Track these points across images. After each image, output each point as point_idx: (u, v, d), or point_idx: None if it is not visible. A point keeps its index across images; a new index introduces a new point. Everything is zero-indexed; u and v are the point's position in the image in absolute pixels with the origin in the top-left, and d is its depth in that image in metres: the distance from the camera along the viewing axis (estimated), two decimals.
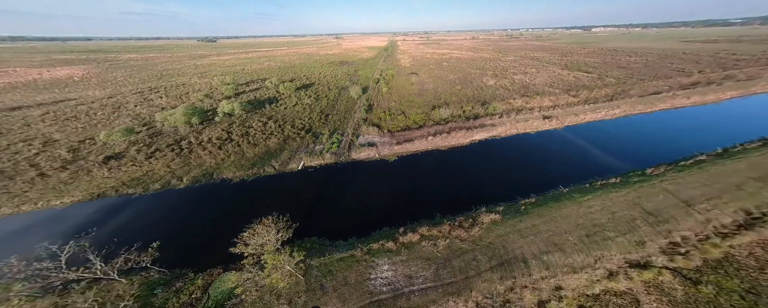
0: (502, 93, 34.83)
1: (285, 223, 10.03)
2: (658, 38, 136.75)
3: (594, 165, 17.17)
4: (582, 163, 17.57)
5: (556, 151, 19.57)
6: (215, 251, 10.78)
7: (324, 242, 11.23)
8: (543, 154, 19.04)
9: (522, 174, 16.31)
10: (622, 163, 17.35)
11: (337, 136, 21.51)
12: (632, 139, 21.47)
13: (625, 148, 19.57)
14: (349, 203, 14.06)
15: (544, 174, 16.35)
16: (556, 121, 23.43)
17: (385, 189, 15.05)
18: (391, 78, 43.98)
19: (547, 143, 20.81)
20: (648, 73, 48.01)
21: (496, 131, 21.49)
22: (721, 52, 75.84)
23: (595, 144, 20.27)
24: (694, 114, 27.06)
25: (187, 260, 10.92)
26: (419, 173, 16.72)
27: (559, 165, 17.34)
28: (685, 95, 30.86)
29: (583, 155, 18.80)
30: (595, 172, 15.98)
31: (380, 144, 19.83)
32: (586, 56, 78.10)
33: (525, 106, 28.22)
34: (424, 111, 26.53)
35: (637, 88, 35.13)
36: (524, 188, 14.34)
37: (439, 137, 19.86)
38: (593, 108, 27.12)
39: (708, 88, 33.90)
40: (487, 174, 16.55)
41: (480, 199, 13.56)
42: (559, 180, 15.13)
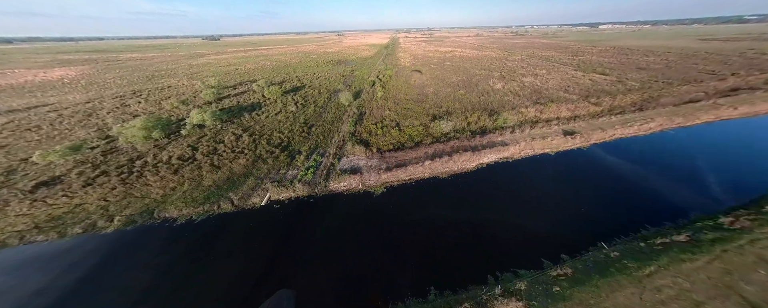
0: (512, 99, 30.41)
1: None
2: (672, 36, 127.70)
3: (640, 205, 12.74)
4: (623, 201, 13.17)
5: (584, 180, 14.90)
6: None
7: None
8: (569, 186, 14.43)
9: (545, 217, 12.08)
10: (678, 203, 12.81)
11: (316, 158, 17.66)
12: (681, 163, 16.36)
13: (676, 178, 14.76)
14: (314, 262, 10.22)
15: (574, 216, 12.12)
16: (580, 138, 18.86)
17: (364, 241, 11.13)
18: (388, 80, 39.72)
19: (573, 169, 16.05)
20: (673, 76, 42.57)
21: (507, 152, 17.08)
22: (747, 52, 68.50)
23: (635, 171, 15.45)
24: (750, 128, 21.47)
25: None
26: (410, 214, 12.59)
27: (593, 203, 12.95)
28: (729, 104, 25.61)
29: (622, 188, 14.18)
30: (645, 217, 11.73)
31: (366, 169, 16.00)
32: (598, 55, 71.96)
33: (540, 117, 23.86)
34: (422, 122, 22.48)
35: (668, 95, 30.23)
36: (551, 242, 10.46)
37: (439, 161, 15.61)
38: (622, 120, 22.57)
39: (754, 94, 28.53)
40: (497, 215, 12.34)
41: (489, 257, 9.93)
42: (597, 227, 11.11)
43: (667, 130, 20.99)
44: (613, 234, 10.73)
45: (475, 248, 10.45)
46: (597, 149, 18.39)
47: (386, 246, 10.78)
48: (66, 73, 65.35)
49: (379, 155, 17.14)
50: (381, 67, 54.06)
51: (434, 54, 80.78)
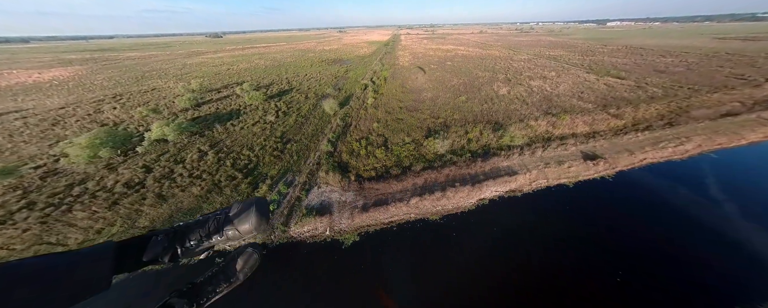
0: (519, 107, 26.64)
1: None
2: (685, 34, 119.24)
3: (703, 275, 8.74)
4: (677, 264, 9.22)
5: (618, 227, 10.83)
6: None
7: None
8: (597, 236, 10.53)
9: (570, 293, 8.48)
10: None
11: (282, 188, 14.36)
12: (741, 201, 11.97)
13: (745, 230, 10.40)
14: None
15: (610, 290, 8.36)
16: (604, 164, 15.01)
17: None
18: (382, 83, 36.09)
19: (598, 208, 12.07)
20: (698, 81, 37.80)
21: (515, 183, 13.41)
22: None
23: (686, 215, 11.24)
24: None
25: None
26: (386, 277, 9.25)
27: (634, 268, 9.03)
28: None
29: (672, 241, 10.13)
30: (716, 296, 7.78)
31: (338, 207, 12.74)
32: (610, 56, 66.39)
33: (552, 133, 20.14)
34: (414, 138, 18.99)
35: (699, 105, 26.06)
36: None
37: (429, 198, 12.12)
38: (651, 139, 18.53)
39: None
40: (499, 286, 8.75)
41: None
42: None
43: (707, 153, 17.09)
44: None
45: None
46: (626, 179, 14.45)
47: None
48: (60, 73, 63.10)
49: (357, 186, 13.91)
50: (377, 67, 50.22)
51: (435, 53, 76.17)
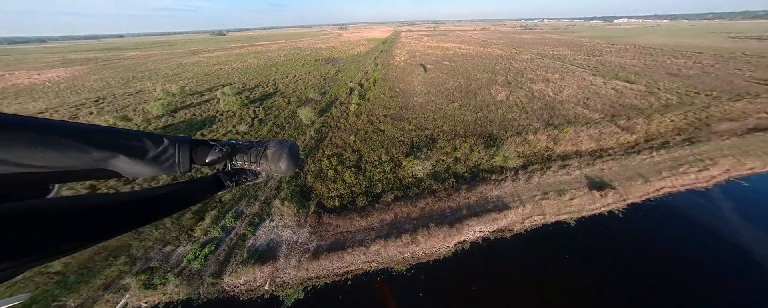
0: (518, 116, 23.71)
1: None
2: (697, 33, 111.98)
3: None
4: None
5: (631, 279, 8.52)
6: None
7: None
8: (604, 292, 8.25)
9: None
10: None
11: (229, 221, 11.99)
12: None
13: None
14: None
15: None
16: (613, 195, 12.08)
17: None
18: (371, 86, 33.22)
19: (607, 254, 9.60)
20: (716, 86, 33.98)
21: (504, 220, 10.67)
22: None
23: (717, 264, 8.85)
24: None
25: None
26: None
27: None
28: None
29: (698, 300, 7.83)
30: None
31: (287, 249, 10.23)
32: (618, 56, 61.79)
33: (553, 151, 17.26)
34: (393, 156, 16.31)
35: (721, 116, 22.71)
36: None
37: (396, 242, 9.63)
38: (670, 161, 15.29)
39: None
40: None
41: None
42: None
43: (737, 180, 14.06)
44: None
45: None
46: (640, 214, 11.56)
47: None
48: (58, 74, 61.53)
49: (315, 220, 11.53)
50: (370, 67, 47.19)
51: (433, 51, 72.39)
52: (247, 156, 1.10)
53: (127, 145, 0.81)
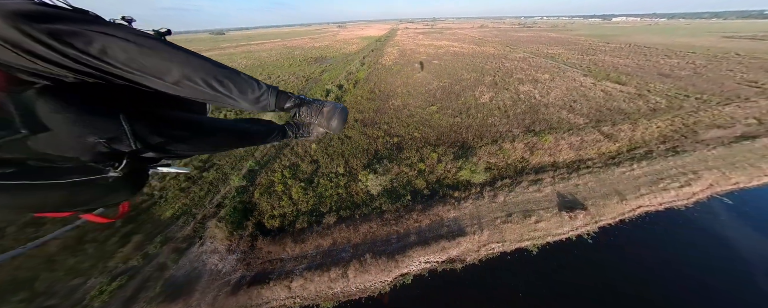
0: (498, 122, 22.10)
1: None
2: (692, 32, 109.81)
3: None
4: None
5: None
6: None
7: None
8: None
9: None
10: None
11: (154, 246, 10.53)
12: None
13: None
14: None
15: None
16: (584, 216, 10.65)
17: None
18: (351, 87, 31.38)
19: (568, 290, 8.41)
20: (707, 88, 32.47)
21: (457, 248, 9.18)
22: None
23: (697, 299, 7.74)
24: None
25: None
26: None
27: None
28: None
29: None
30: None
31: (207, 282, 8.71)
32: (612, 55, 59.84)
33: (528, 162, 15.77)
34: (352, 167, 14.44)
35: (708, 123, 21.34)
36: None
37: (325, 274, 8.27)
38: (650, 174, 13.92)
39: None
40: None
41: None
42: None
43: (720, 196, 12.68)
44: None
45: None
46: (612, 239, 10.18)
47: None
48: None
49: (248, 244, 10.06)
50: (355, 67, 45.05)
51: (425, 50, 69.89)
52: (309, 110, 1.32)
53: (242, 84, 1.04)
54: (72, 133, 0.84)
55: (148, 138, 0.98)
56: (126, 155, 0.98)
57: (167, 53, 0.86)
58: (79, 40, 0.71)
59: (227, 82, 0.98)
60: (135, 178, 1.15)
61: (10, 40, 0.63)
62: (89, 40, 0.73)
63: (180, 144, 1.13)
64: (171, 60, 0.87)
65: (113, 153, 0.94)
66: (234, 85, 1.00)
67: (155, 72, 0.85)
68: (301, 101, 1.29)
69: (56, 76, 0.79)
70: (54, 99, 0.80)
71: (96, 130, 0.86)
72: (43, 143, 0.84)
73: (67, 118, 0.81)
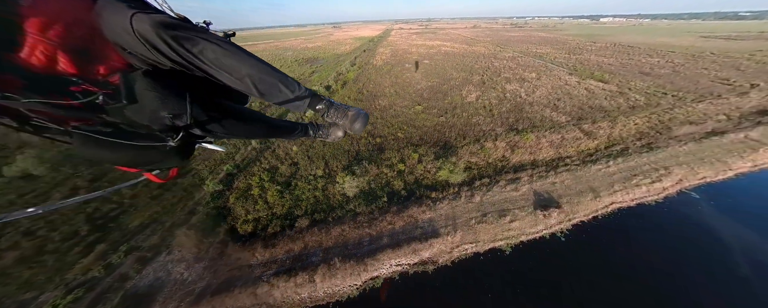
0: (482, 121, 22.09)
1: None
2: (673, 32, 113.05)
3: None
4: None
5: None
6: None
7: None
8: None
9: None
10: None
11: (118, 256, 10.23)
12: (738, 265, 8.54)
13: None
14: None
15: None
16: (558, 214, 10.69)
17: None
18: (339, 88, 31.00)
19: (542, 289, 8.37)
20: (684, 86, 33.38)
21: (429, 250, 9.03)
22: (756, 54, 57.02)
23: (668, 295, 7.74)
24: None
25: None
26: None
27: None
28: (764, 141, 16.26)
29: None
30: None
31: (170, 291, 8.16)
32: (598, 54, 60.94)
33: (508, 160, 15.82)
34: (332, 169, 14.24)
35: (683, 119, 21.81)
36: None
37: (293, 279, 7.97)
38: (624, 170, 14.10)
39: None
40: None
41: None
42: None
43: (688, 191, 12.89)
44: None
45: None
46: (584, 236, 10.22)
47: None
48: None
49: (218, 251, 9.69)
50: (345, 68, 44.50)
51: (417, 50, 69.78)
52: (337, 112, 1.51)
53: (289, 85, 1.25)
54: (152, 107, 1.11)
55: (200, 118, 1.25)
56: (181, 129, 1.23)
57: (241, 56, 1.13)
58: (189, 43, 1.01)
59: (279, 83, 1.23)
60: (185, 149, 1.43)
61: (149, 40, 0.94)
62: (195, 42, 1.03)
63: (222, 127, 1.37)
64: (242, 61, 1.13)
65: (173, 127, 1.21)
66: (282, 85, 1.24)
67: (229, 69, 1.11)
68: (330, 104, 1.50)
69: (157, 64, 1.08)
70: (150, 80, 1.10)
71: (168, 106, 1.12)
72: (132, 112, 1.12)
73: (153, 95, 1.09)
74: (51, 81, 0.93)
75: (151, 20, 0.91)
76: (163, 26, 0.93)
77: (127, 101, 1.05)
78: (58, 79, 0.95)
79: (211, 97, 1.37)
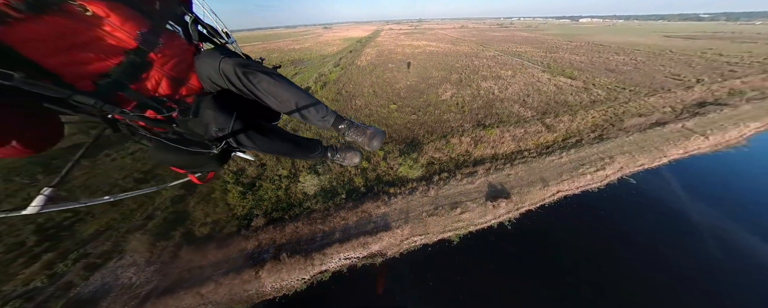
0: (453, 118, 22.45)
1: None
2: (641, 32, 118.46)
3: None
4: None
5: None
6: None
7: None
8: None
9: None
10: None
11: (65, 264, 9.71)
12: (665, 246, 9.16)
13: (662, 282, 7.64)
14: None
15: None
16: (507, 204, 11.07)
17: None
18: (318, 89, 30.61)
19: (492, 279, 8.70)
20: (641, 82, 35.06)
21: (380, 243, 9.22)
22: (707, 52, 60.91)
23: (602, 275, 8.25)
24: (729, 168, 13.80)
25: None
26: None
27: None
28: (699, 129, 17.74)
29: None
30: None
31: (116, 296, 7.85)
32: (572, 53, 62.84)
33: (470, 154, 16.19)
34: (297, 169, 14.53)
35: (635, 112, 23.05)
36: None
37: (240, 276, 7.98)
38: (575, 160, 14.79)
39: (721, 113, 20.71)
40: None
41: None
42: None
43: (627, 178, 13.79)
44: None
45: None
46: (529, 224, 10.69)
47: None
48: None
49: (171, 254, 9.52)
50: (328, 69, 43.89)
51: (403, 50, 69.69)
52: (357, 131, 1.70)
53: (319, 108, 1.59)
54: (208, 121, 1.38)
55: (239, 132, 1.48)
56: (223, 140, 1.48)
57: (286, 85, 1.48)
58: (252, 76, 1.40)
59: (311, 107, 1.54)
60: (223, 157, 1.66)
61: (228, 75, 1.36)
62: (256, 76, 1.41)
63: (253, 141, 1.57)
64: (287, 90, 1.48)
65: (218, 138, 1.46)
66: (314, 108, 1.55)
67: (276, 95, 1.45)
68: (351, 123, 1.72)
69: (221, 89, 1.48)
70: (212, 100, 1.42)
71: (218, 121, 1.39)
72: (193, 124, 1.41)
73: (211, 112, 1.38)
74: (152, 100, 1.29)
75: (233, 62, 1.36)
76: (238, 65, 1.36)
77: (193, 116, 1.37)
78: (157, 99, 1.32)
79: (251, 116, 1.60)
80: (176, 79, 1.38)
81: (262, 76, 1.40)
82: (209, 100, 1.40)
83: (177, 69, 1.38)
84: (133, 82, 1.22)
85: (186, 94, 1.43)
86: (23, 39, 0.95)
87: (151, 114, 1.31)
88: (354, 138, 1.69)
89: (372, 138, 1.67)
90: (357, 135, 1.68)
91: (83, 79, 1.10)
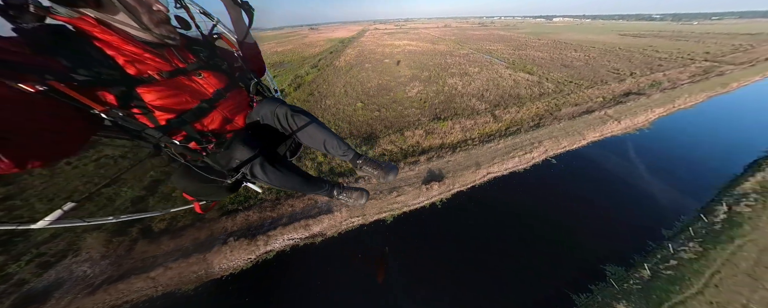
0: (413, 113, 23.32)
1: None
2: (602, 30, 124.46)
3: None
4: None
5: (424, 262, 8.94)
6: None
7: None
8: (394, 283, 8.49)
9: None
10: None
11: (20, 264, 9.92)
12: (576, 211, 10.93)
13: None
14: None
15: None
16: (439, 186, 12.33)
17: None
18: (291, 91, 30.49)
19: (416, 251, 9.84)
20: (587, 76, 37.60)
21: (321, 225, 10.12)
22: (647, 49, 65.95)
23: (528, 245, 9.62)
24: (623, 147, 16.27)
25: None
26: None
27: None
28: (616, 115, 20.25)
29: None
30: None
31: (69, 287, 8.18)
32: (537, 50, 65.43)
33: (420, 145, 17.12)
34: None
35: (573, 102, 25.23)
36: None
37: (188, 260, 8.60)
38: (510, 146, 16.19)
39: (638, 101, 23.43)
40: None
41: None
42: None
43: (549, 159, 15.47)
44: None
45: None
46: (459, 203, 11.97)
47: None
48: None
49: (127, 247, 9.93)
50: (305, 71, 43.41)
51: (383, 49, 69.46)
52: (372, 165, 1.86)
53: (341, 145, 1.82)
54: (234, 154, 1.40)
55: (255, 165, 1.46)
56: (239, 171, 1.47)
57: (318, 125, 1.70)
58: (296, 117, 1.63)
59: (337, 144, 1.75)
60: (234, 186, 1.70)
61: (280, 117, 1.61)
62: (298, 117, 1.64)
63: (268, 174, 1.54)
64: (318, 129, 1.70)
65: (235, 169, 1.44)
66: (338, 146, 1.76)
67: (309, 132, 1.68)
68: (367, 159, 1.90)
69: (258, 126, 1.66)
70: (244, 135, 1.50)
71: (243, 155, 1.40)
72: (221, 156, 1.45)
73: (239, 146, 1.41)
74: (199, 134, 1.40)
75: (286, 107, 1.62)
76: (289, 109, 1.62)
77: (225, 149, 1.42)
78: (203, 133, 1.43)
79: (271, 152, 1.70)
80: (227, 120, 1.53)
81: (302, 117, 1.62)
82: (241, 134, 1.50)
83: (232, 113, 1.54)
84: (196, 122, 1.38)
85: (229, 130, 1.55)
86: (154, 98, 1.16)
87: (194, 145, 1.39)
88: (369, 171, 1.82)
89: (387, 172, 1.82)
90: (372, 167, 1.82)
91: (162, 117, 1.22)
